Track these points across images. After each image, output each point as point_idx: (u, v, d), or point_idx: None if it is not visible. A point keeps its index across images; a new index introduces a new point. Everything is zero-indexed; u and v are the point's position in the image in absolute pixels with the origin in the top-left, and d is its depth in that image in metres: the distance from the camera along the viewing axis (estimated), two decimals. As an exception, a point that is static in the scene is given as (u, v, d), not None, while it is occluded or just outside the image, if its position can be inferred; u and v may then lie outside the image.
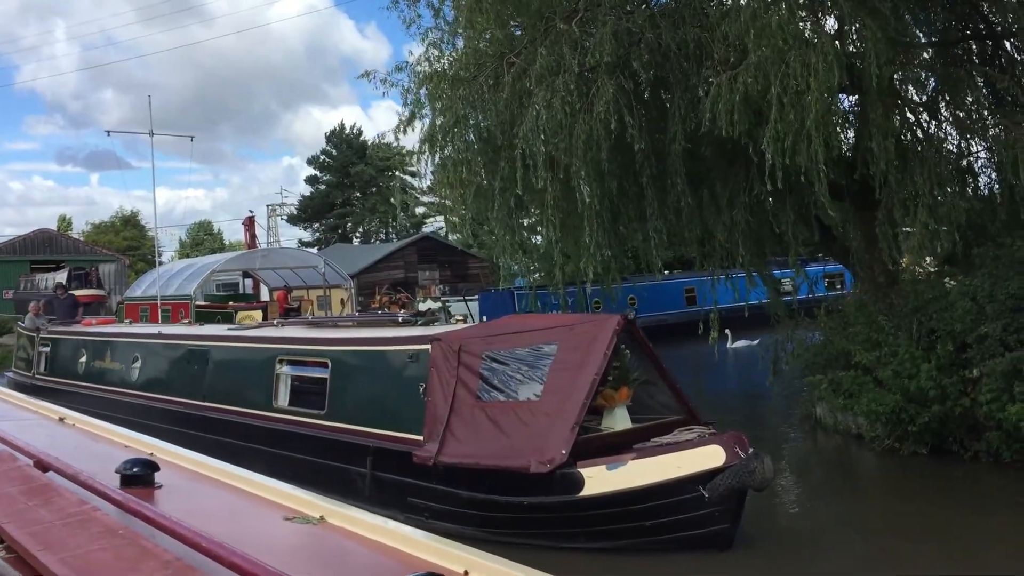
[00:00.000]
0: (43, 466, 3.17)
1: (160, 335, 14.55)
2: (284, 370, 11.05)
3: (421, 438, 8.75)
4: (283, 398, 10.94)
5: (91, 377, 15.87)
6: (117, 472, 3.00)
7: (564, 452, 7.64)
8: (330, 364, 10.32)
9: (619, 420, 8.60)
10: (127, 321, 23.02)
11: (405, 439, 8.97)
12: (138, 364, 14.52)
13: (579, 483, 7.74)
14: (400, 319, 11.45)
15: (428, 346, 9.11)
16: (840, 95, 12.72)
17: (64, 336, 17.98)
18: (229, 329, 13.26)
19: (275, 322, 13.70)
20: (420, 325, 10.81)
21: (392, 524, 2.60)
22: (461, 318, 10.98)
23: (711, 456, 7.61)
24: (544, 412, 8.01)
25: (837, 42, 11.74)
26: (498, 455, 8.02)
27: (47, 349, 17.99)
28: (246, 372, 11.88)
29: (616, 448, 8.03)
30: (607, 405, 8.57)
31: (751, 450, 7.69)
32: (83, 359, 16.37)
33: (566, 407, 7.88)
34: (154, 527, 2.36)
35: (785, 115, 10.35)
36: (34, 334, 18.63)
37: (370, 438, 9.48)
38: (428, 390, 8.88)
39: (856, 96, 13.31)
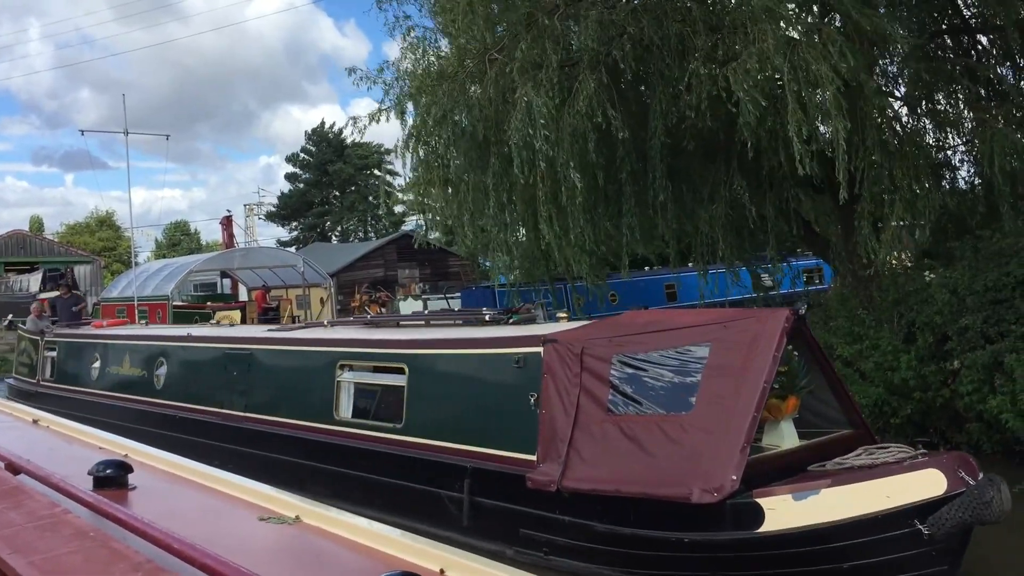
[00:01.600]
0: (14, 468, 3.15)
1: (190, 337, 12.97)
2: (346, 377, 9.71)
3: (534, 458, 7.42)
4: (346, 409, 9.64)
5: (107, 384, 14.23)
6: (90, 474, 2.97)
7: (735, 478, 6.26)
8: (408, 370, 8.93)
9: (786, 436, 7.32)
10: (143, 322, 21.33)
11: (512, 459, 7.68)
12: (163, 370, 12.97)
13: (758, 516, 6.37)
14: (487, 317, 9.82)
15: (540, 348, 7.77)
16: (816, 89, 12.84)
17: (74, 339, 16.15)
18: (269, 331, 11.97)
19: (326, 322, 12.23)
20: (513, 323, 9.40)
21: (367, 523, 2.58)
22: (564, 315, 9.75)
23: (929, 483, 6.18)
24: (700, 428, 6.64)
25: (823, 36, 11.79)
26: (644, 480, 6.66)
27: (54, 353, 16.22)
28: (298, 379, 10.52)
29: (788, 471, 6.78)
30: (771, 418, 7.30)
31: (981, 475, 6.29)
32: (97, 364, 14.67)
33: (730, 422, 6.52)
34: (126, 529, 2.35)
35: (800, 103, 10.40)
36: (38, 337, 16.93)
37: (465, 457, 8.08)
38: (542, 401, 7.54)
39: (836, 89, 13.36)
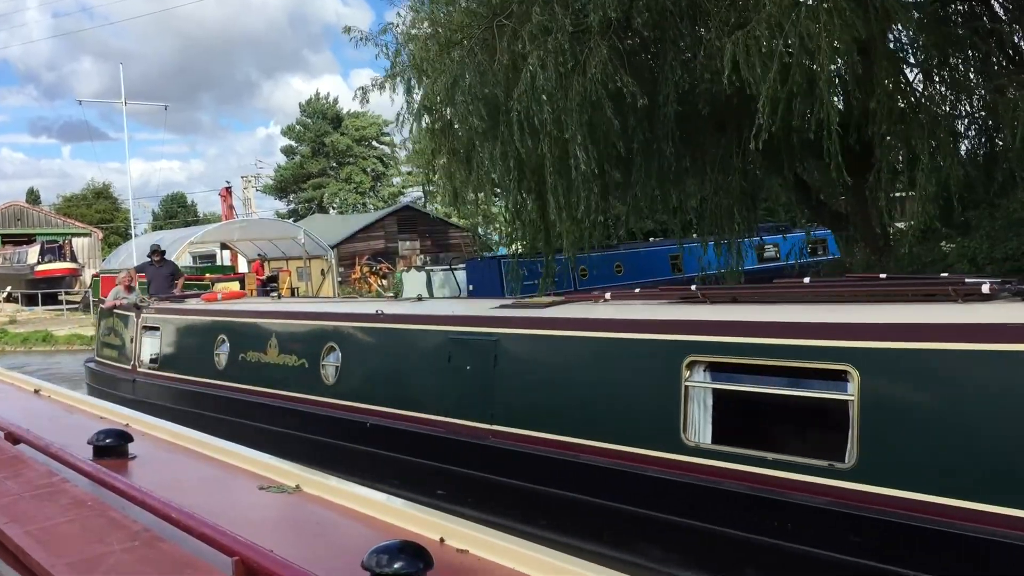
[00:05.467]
0: (14, 438, 3.18)
1: (382, 316, 9.13)
2: (704, 380, 6.18)
3: None
4: (704, 430, 6.11)
5: (241, 376, 10.83)
6: (90, 443, 2.97)
7: None
8: (858, 375, 5.32)
9: None
10: (275, 295, 17.89)
11: None
12: (338, 361, 9.45)
13: None
14: (985, 289, 5.64)
15: None
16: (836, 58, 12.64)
17: (186, 316, 12.82)
18: (501, 306, 8.42)
19: (604, 297, 7.92)
20: (1004, 297, 5.67)
21: (367, 492, 2.57)
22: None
23: None
24: None
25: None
26: None
27: (156, 334, 13.01)
28: (600, 380, 6.88)
29: None
30: None
31: None
32: (225, 349, 11.26)
33: None
34: (125, 498, 2.38)
35: (793, 74, 10.17)
36: (131, 313, 13.77)
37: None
38: None
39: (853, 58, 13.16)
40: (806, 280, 7.08)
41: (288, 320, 10.70)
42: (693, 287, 7.43)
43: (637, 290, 8.04)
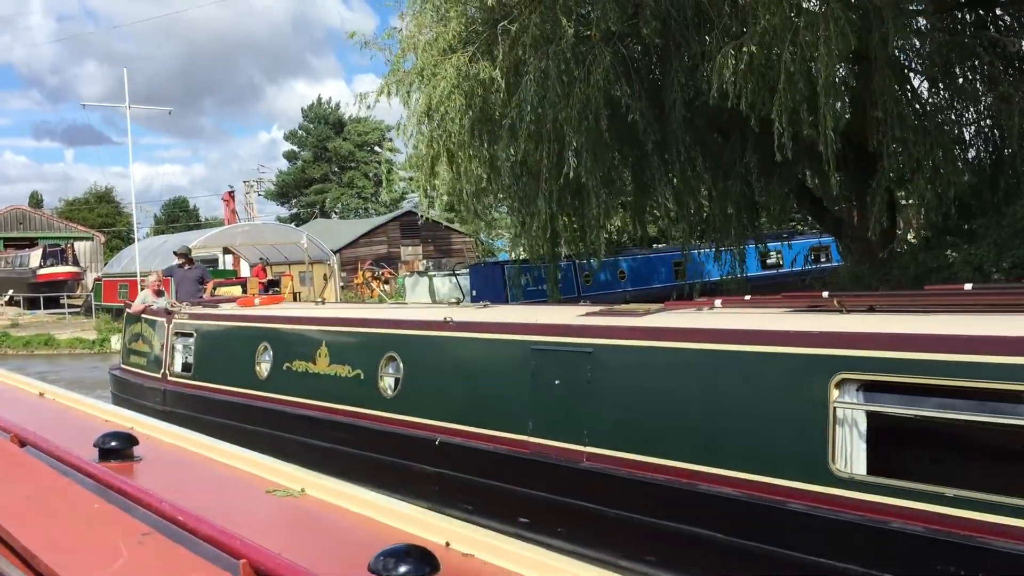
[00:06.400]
0: (20, 440, 3.20)
1: (450, 323, 8.25)
2: (857, 402, 5.24)
3: None
4: (857, 459, 5.18)
5: (288, 387, 10.08)
6: (95, 446, 2.98)
7: None
8: None
9: None
10: (319, 300, 15.86)
11: None
12: (399, 372, 8.69)
13: None
14: None
15: None
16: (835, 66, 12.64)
17: (223, 322, 11.92)
18: (588, 314, 7.52)
19: (714, 304, 7.27)
20: None
21: (373, 496, 2.56)
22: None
23: None
24: None
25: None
26: None
27: (189, 340, 12.21)
28: (721, 400, 5.99)
29: None
30: None
31: None
32: (268, 358, 10.57)
33: None
34: (130, 500, 2.38)
35: (794, 83, 10.15)
36: (161, 319, 12.96)
37: None
38: None
39: (855, 65, 13.16)
40: (968, 287, 6.36)
41: (341, 327, 9.85)
42: (825, 294, 6.66)
43: (748, 296, 7.38)
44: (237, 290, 28.46)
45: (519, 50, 12.82)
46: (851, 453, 5.19)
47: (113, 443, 2.99)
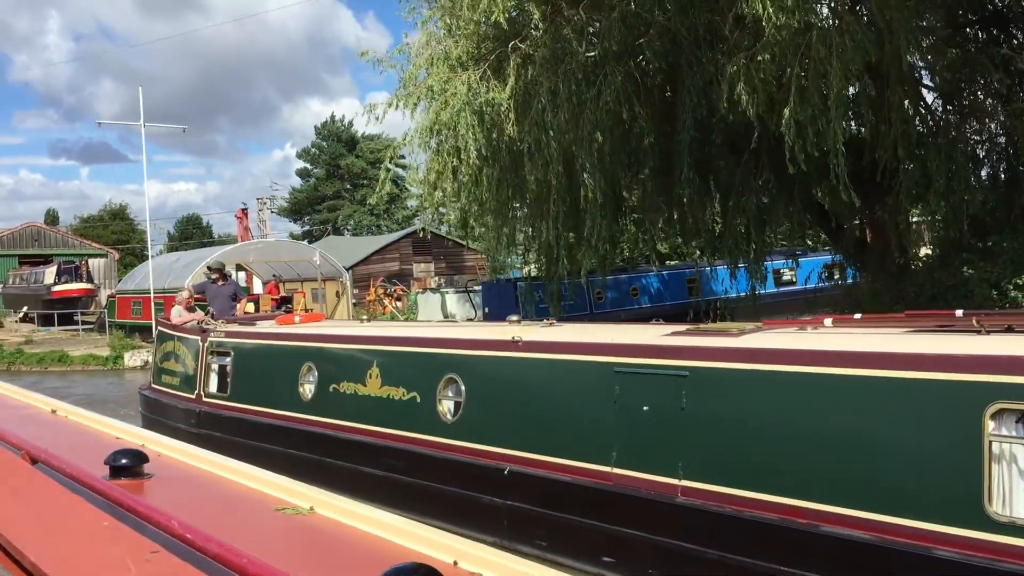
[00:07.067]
0: (32, 458, 3.22)
1: (519, 343, 7.69)
2: (1018, 435, 4.67)
3: None
4: (1018, 501, 4.64)
5: (332, 409, 9.51)
6: (106, 463, 3.00)
7: None
8: None
9: None
10: (365, 317, 16.12)
11: None
12: (460, 395, 8.08)
13: None
14: None
15: None
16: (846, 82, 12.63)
17: (265, 340, 11.25)
18: (674, 333, 7.06)
19: (823, 323, 6.79)
20: None
21: (381, 515, 2.56)
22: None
23: None
24: None
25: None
26: None
27: (226, 360, 11.52)
28: (845, 431, 5.39)
29: None
30: None
31: None
32: (312, 379, 9.93)
33: None
34: (140, 518, 2.39)
35: (806, 97, 10.14)
36: (195, 337, 12.29)
37: None
38: None
39: (866, 82, 13.14)
40: None
41: (393, 347, 9.23)
42: (959, 312, 6.10)
43: (858, 316, 6.80)
44: (251, 307, 28.57)
45: (530, 69, 12.86)
46: (1010, 494, 4.59)
47: (123, 460, 3.01)
